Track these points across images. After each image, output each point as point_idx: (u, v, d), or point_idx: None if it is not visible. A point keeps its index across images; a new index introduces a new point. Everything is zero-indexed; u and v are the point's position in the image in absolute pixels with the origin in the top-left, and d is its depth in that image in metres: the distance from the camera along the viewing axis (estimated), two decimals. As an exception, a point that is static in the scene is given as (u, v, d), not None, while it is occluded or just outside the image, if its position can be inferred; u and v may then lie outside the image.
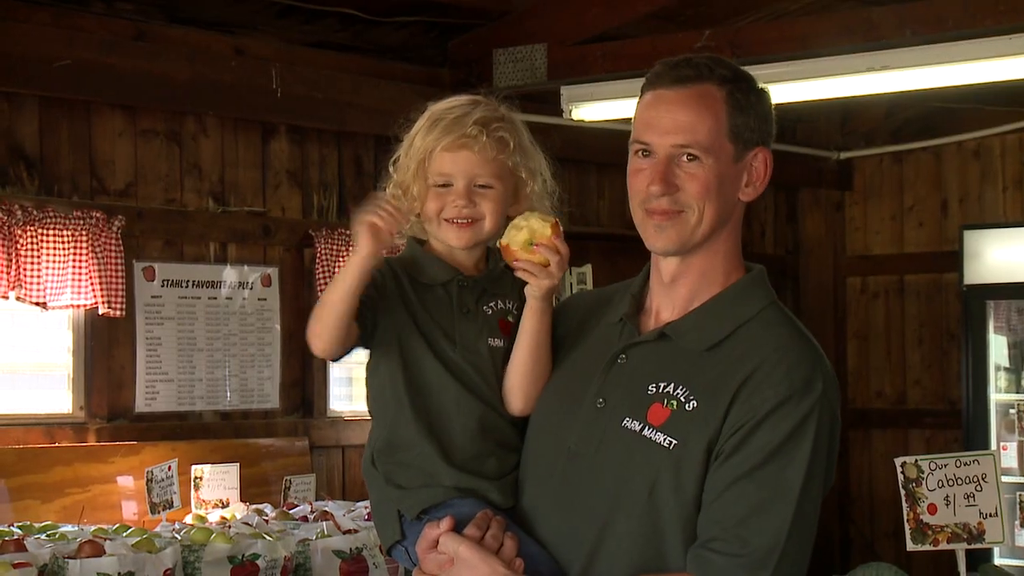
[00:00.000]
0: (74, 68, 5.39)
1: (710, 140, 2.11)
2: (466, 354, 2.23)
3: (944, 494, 3.46)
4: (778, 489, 2.02)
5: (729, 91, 2.12)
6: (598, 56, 6.24)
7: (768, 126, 2.16)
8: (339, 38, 6.32)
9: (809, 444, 2.03)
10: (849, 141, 8.40)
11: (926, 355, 8.36)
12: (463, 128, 2.25)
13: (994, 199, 8.14)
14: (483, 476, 2.21)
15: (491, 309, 2.28)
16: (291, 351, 6.21)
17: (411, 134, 2.31)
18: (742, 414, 2.04)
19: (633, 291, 2.26)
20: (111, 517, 5.23)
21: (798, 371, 2.06)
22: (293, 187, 6.29)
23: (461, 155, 2.25)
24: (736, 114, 2.12)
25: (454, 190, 2.25)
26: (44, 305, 5.28)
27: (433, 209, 2.26)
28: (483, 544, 2.09)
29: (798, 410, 2.03)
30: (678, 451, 2.06)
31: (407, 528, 2.22)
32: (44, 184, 5.47)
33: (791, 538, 2.02)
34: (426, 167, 2.26)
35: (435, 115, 2.29)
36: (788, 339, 2.11)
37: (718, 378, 2.08)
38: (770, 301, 2.18)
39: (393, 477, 2.23)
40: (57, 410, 5.58)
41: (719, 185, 2.12)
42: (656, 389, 2.11)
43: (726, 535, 2.02)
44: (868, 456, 8.41)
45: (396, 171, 2.32)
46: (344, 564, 4.70)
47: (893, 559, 4.72)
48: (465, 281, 2.28)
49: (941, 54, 5.33)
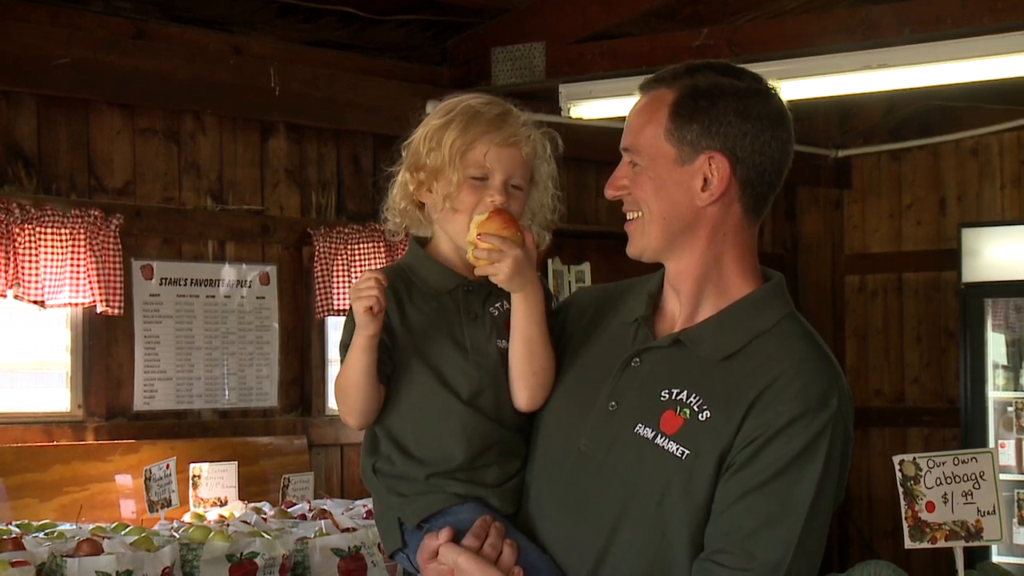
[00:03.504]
0: (72, 67, 5.39)
1: (646, 143, 2.13)
2: (479, 359, 2.21)
3: (942, 492, 3.46)
4: (788, 504, 2.01)
5: (680, 95, 2.12)
6: (596, 54, 6.24)
7: (734, 131, 2.10)
8: (338, 37, 6.32)
9: (821, 460, 2.02)
10: (847, 139, 8.41)
11: (924, 353, 8.36)
12: (514, 127, 2.24)
13: (992, 197, 8.15)
14: (484, 484, 2.20)
15: (497, 310, 2.26)
16: (289, 349, 6.21)
17: (435, 124, 2.26)
18: (755, 427, 2.03)
19: (651, 291, 2.24)
20: (109, 515, 5.23)
21: (814, 387, 2.04)
22: (292, 185, 6.29)
23: (506, 152, 2.23)
24: (679, 117, 2.11)
25: (492, 184, 2.23)
26: (42, 303, 5.27)
27: (468, 203, 2.22)
28: (482, 553, 2.09)
29: (812, 426, 2.02)
30: (690, 461, 2.04)
31: (408, 536, 2.21)
32: (42, 182, 5.47)
33: (798, 554, 2.01)
34: (464, 158, 2.22)
35: (471, 108, 2.25)
36: (806, 353, 2.09)
37: (733, 389, 2.06)
38: (788, 312, 2.16)
39: (394, 486, 2.22)
40: (55, 409, 5.57)
41: (659, 188, 2.12)
42: (669, 396, 2.09)
43: (733, 548, 2.01)
44: (866, 454, 8.42)
45: (418, 157, 2.26)
46: (342, 562, 4.70)
47: (891, 557, 4.72)
48: (471, 286, 2.26)
49: (939, 52, 5.33)
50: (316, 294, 6.15)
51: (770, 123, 2.12)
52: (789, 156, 2.17)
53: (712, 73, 2.14)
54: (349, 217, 6.39)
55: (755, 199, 2.15)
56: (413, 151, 2.29)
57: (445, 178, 2.23)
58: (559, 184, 2.35)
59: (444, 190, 2.23)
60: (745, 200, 2.14)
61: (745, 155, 2.11)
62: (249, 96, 5.96)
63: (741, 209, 2.14)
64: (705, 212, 2.13)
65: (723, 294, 2.16)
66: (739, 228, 2.16)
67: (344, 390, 2.20)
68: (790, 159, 2.18)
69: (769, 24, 6.16)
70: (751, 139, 2.11)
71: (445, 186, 2.22)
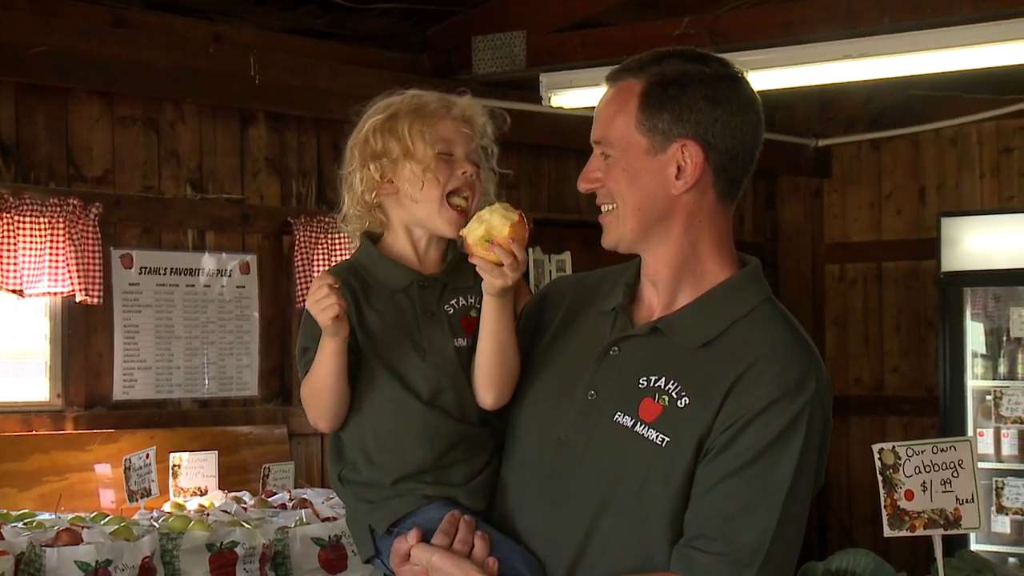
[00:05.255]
0: (51, 54, 5.36)
1: (618, 134, 2.13)
2: (437, 359, 2.20)
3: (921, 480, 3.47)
4: (766, 488, 2.01)
5: (648, 84, 2.12)
6: (577, 44, 6.24)
7: (705, 118, 2.10)
8: (318, 25, 6.30)
9: (799, 444, 2.02)
10: (828, 128, 8.42)
11: (903, 342, 8.39)
12: (461, 105, 2.27)
13: (971, 186, 8.18)
14: (452, 484, 2.19)
15: (452, 308, 2.24)
16: (270, 338, 6.20)
17: (379, 119, 2.26)
18: (733, 412, 2.03)
19: (628, 280, 2.24)
20: (89, 505, 5.21)
21: (792, 371, 2.05)
22: (272, 174, 6.27)
23: (464, 127, 2.25)
24: (649, 107, 2.11)
25: (459, 157, 2.24)
26: (21, 292, 5.25)
27: (443, 177, 2.21)
28: (453, 549, 2.09)
29: (789, 410, 2.03)
30: (670, 448, 2.05)
31: (380, 542, 2.21)
32: (20, 171, 5.44)
33: (777, 537, 2.01)
34: (431, 135, 2.22)
35: (415, 97, 2.27)
36: (783, 338, 2.10)
37: (711, 376, 2.06)
38: (765, 297, 2.16)
39: (361, 493, 2.22)
40: (34, 398, 5.55)
41: (632, 178, 2.12)
42: (648, 383, 2.09)
43: (712, 532, 2.01)
44: (846, 443, 8.44)
45: (374, 149, 2.25)
46: (323, 552, 4.70)
47: (870, 545, 4.74)
48: (425, 281, 2.24)
49: (920, 41, 5.33)
50: (296, 283, 6.13)
51: (740, 107, 2.13)
52: (760, 139, 2.18)
53: (679, 60, 2.14)
54: (329, 206, 6.36)
55: (729, 184, 2.15)
56: (363, 147, 2.27)
57: (414, 159, 2.22)
58: (499, 165, 2.35)
59: (419, 166, 2.21)
60: (719, 185, 2.14)
61: (717, 141, 2.11)
62: (229, 84, 5.94)
63: (715, 195, 2.15)
64: (680, 200, 2.13)
65: (700, 281, 2.16)
66: (714, 214, 2.16)
67: (316, 394, 2.18)
68: (761, 142, 2.18)
69: (750, 13, 6.17)
70: (722, 124, 2.11)
71: (419, 163, 2.21)
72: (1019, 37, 5.10)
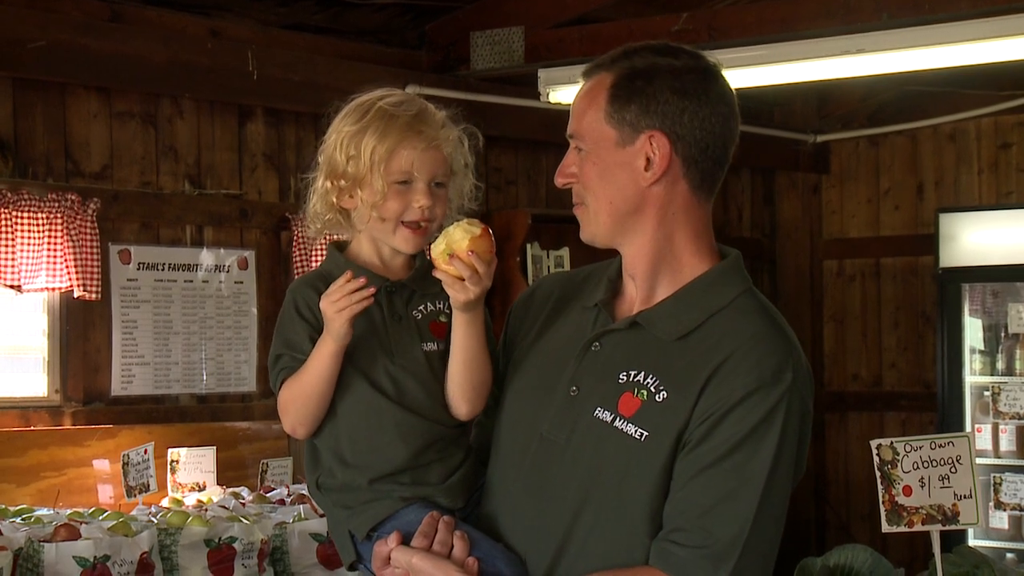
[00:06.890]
0: (48, 49, 5.35)
1: (589, 127, 2.15)
2: (405, 363, 2.20)
3: (919, 476, 3.47)
4: (743, 479, 2.01)
5: (618, 77, 2.12)
6: (576, 39, 6.23)
7: (672, 109, 2.10)
8: (316, 20, 6.29)
9: (776, 435, 2.02)
10: (826, 124, 8.42)
11: (902, 338, 8.40)
12: (432, 128, 2.23)
13: (969, 182, 8.18)
14: (429, 484, 2.20)
15: (420, 313, 2.24)
16: (268, 334, 6.19)
17: (349, 131, 2.25)
18: (710, 404, 2.03)
19: (610, 275, 2.24)
20: (87, 501, 5.21)
21: (768, 361, 2.05)
22: (270, 170, 6.27)
23: (429, 155, 2.22)
24: (617, 99, 2.12)
25: (416, 188, 2.21)
26: (19, 288, 5.25)
27: (394, 210, 2.21)
28: (433, 550, 2.09)
29: (766, 401, 2.02)
30: (649, 443, 2.05)
31: (361, 548, 2.21)
32: (18, 166, 5.44)
33: (756, 529, 2.01)
34: (387, 165, 2.21)
35: (386, 112, 2.24)
36: (760, 328, 2.09)
37: (688, 368, 2.06)
38: (744, 288, 2.16)
39: (339, 499, 2.22)
40: (32, 393, 5.55)
41: (602, 172, 2.14)
42: (627, 377, 2.10)
43: (690, 526, 2.01)
44: (844, 438, 8.45)
45: (337, 165, 2.26)
46: (321, 547, 4.70)
47: (868, 540, 4.75)
48: (393, 286, 2.24)
49: (917, 37, 5.33)
50: (295, 278, 6.13)
51: (709, 100, 2.12)
52: (734, 132, 2.17)
53: (650, 54, 2.14)
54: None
55: (702, 176, 2.15)
56: (330, 159, 2.28)
57: (369, 187, 2.22)
58: (478, 172, 2.35)
59: (370, 199, 2.21)
60: (691, 177, 2.14)
61: (685, 132, 2.11)
62: (227, 80, 5.93)
63: (688, 187, 2.14)
64: (650, 192, 2.13)
65: (678, 274, 2.16)
66: (688, 206, 2.15)
67: (305, 398, 2.19)
68: (735, 135, 2.17)
69: (748, 9, 6.16)
70: (689, 116, 2.11)
71: (370, 195, 2.21)
72: (1017, 33, 5.10)
